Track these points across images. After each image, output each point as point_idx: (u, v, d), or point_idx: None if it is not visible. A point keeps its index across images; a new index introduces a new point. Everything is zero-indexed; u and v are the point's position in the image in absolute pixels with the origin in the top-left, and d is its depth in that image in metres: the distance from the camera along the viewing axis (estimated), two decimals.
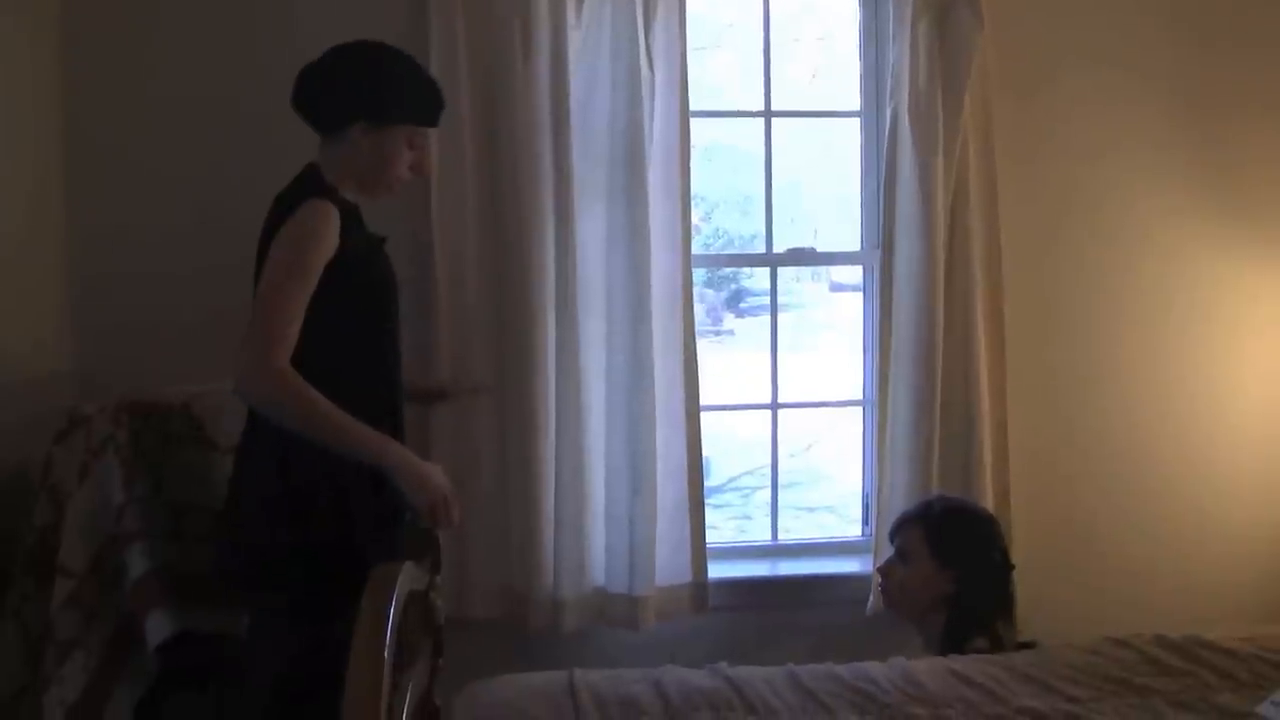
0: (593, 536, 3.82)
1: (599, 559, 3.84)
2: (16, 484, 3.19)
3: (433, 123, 2.88)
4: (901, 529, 3.56)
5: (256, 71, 3.61)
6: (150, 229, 3.68)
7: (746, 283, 6.47)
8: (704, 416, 3.90)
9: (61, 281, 3.65)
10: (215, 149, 3.70)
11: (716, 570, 3.92)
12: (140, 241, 3.68)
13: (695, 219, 3.88)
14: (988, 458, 3.91)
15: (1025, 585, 3.55)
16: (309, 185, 2.72)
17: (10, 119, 3.36)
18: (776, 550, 4.27)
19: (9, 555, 3.10)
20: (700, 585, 3.87)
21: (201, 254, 3.60)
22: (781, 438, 4.27)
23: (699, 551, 3.87)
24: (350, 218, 2.71)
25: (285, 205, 2.67)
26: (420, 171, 2.90)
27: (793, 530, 4.53)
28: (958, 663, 2.97)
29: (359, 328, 2.74)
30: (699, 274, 3.89)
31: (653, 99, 3.77)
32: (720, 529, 5.23)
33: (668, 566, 3.85)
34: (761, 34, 4.14)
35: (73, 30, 3.66)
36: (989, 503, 3.86)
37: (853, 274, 4.49)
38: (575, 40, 3.73)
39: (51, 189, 3.63)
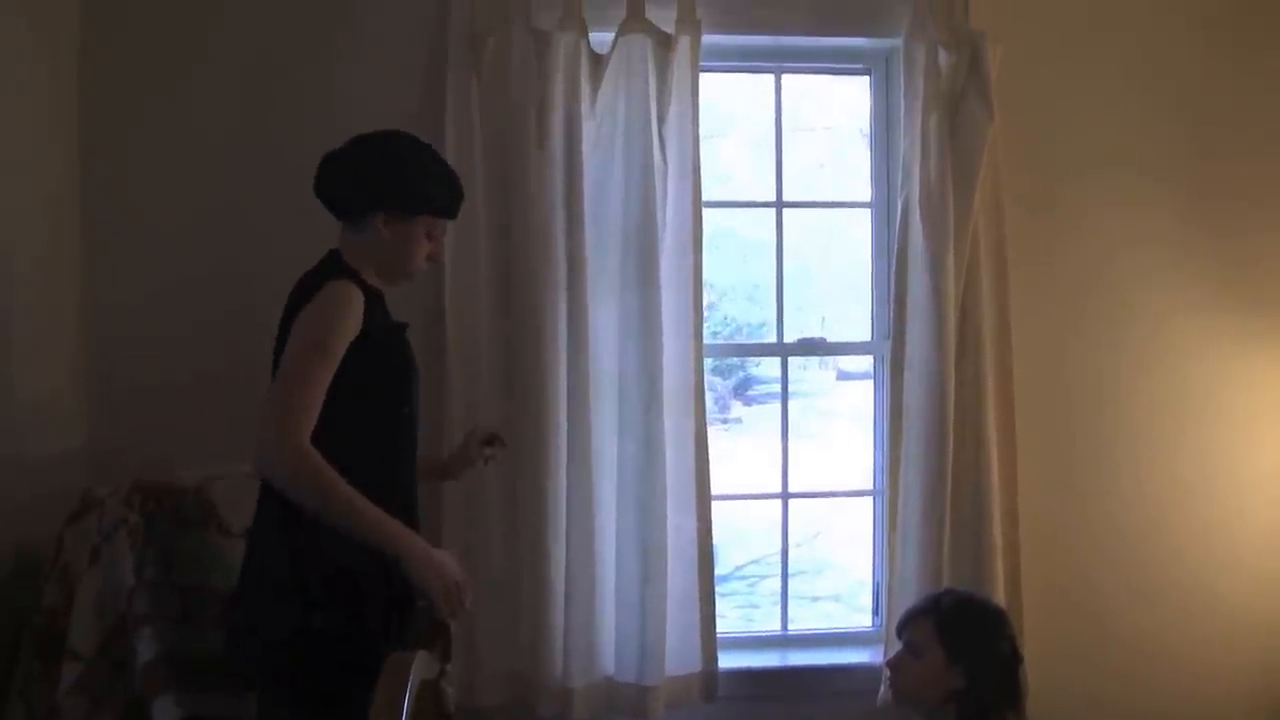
0: (603, 625, 3.80)
1: (609, 647, 3.82)
2: (27, 563, 3.19)
3: (453, 215, 2.93)
4: (911, 623, 3.53)
5: (276, 150, 3.68)
6: (166, 308, 3.71)
7: (754, 370, 6.47)
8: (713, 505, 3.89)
9: (76, 360, 3.66)
10: (235, 229, 3.73)
11: (726, 660, 3.90)
12: (156, 319, 3.70)
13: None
14: (999, 546, 3.89)
15: (1038, 672, 3.53)
16: (332, 268, 2.74)
17: (25, 194, 3.39)
18: (786, 640, 4.26)
19: (18, 635, 3.09)
20: (710, 674, 3.84)
21: (220, 329, 3.62)
22: (788, 526, 4.26)
23: (709, 640, 3.84)
24: (374, 301, 2.73)
25: (308, 288, 2.68)
26: (435, 259, 2.93)
27: (798, 619, 4.50)
28: None
29: (376, 412, 2.73)
30: (706, 362, 3.91)
31: (665, 188, 3.80)
32: (726, 617, 5.20)
33: (677, 655, 3.83)
34: (772, 122, 4.18)
35: (89, 97, 3.72)
36: (1000, 592, 3.84)
37: (859, 362, 4.50)
38: (589, 130, 3.77)
39: (67, 264, 3.66)
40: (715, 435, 3.96)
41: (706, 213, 3.88)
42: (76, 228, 3.69)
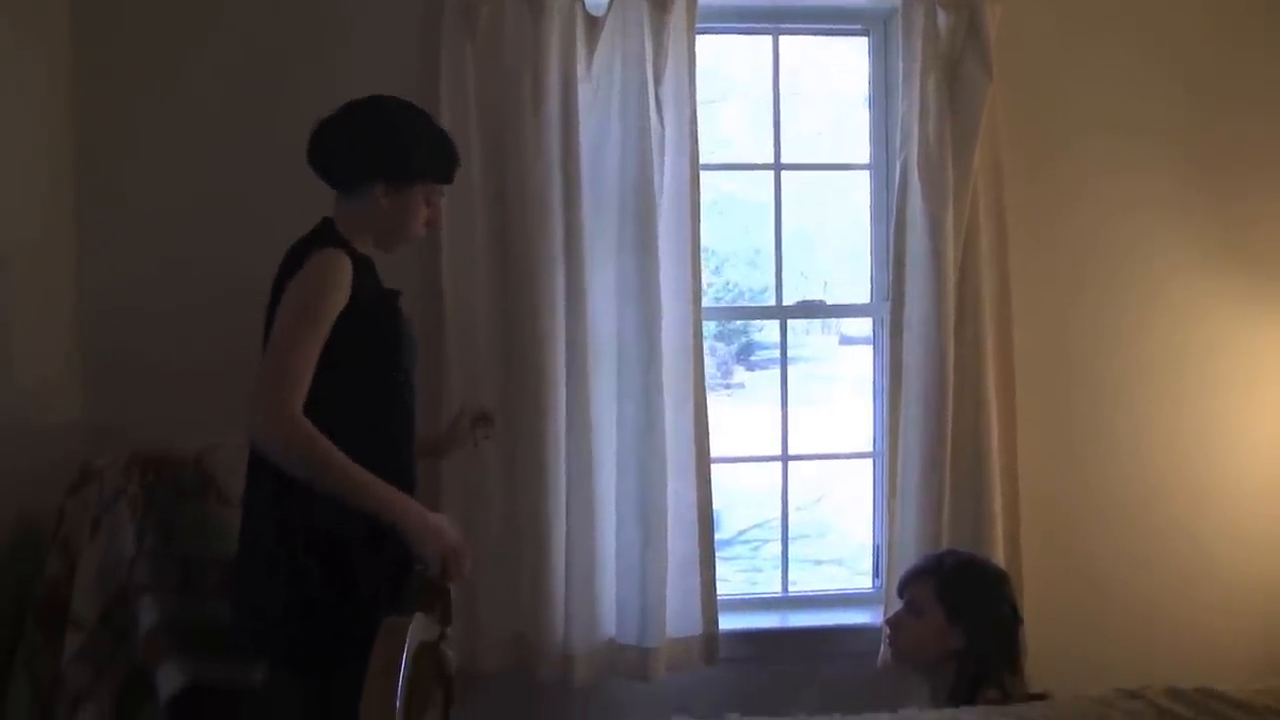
0: (603, 588, 3.80)
1: (609, 610, 3.82)
2: (28, 535, 3.20)
3: (449, 180, 2.93)
4: (913, 582, 3.55)
5: (269, 120, 3.67)
6: (162, 279, 3.70)
7: (757, 336, 6.47)
8: (714, 469, 3.89)
9: (73, 331, 3.67)
10: (229, 205, 3.72)
11: (727, 622, 3.91)
12: (152, 291, 3.70)
13: (705, 273, 3.89)
14: (998, 509, 3.90)
15: (1037, 634, 3.54)
16: (322, 237, 2.73)
17: (20, 175, 3.38)
18: (787, 602, 4.27)
19: (20, 607, 3.11)
20: (711, 637, 3.85)
21: (215, 304, 3.61)
22: (790, 490, 4.26)
23: (710, 603, 3.85)
24: (364, 269, 2.72)
25: (298, 257, 2.67)
26: (433, 224, 2.95)
27: (801, 582, 4.51)
28: (968, 714, 2.96)
29: (368, 380, 2.72)
30: (709, 327, 3.90)
31: (663, 152, 3.79)
32: (730, 581, 5.22)
33: (678, 618, 3.84)
34: (770, 86, 4.16)
35: (86, 71, 3.71)
36: (999, 553, 3.85)
37: (862, 327, 4.49)
38: (585, 93, 3.75)
39: (63, 237, 3.66)
40: (718, 401, 3.96)
41: (708, 178, 3.87)
42: (72, 211, 3.69)
